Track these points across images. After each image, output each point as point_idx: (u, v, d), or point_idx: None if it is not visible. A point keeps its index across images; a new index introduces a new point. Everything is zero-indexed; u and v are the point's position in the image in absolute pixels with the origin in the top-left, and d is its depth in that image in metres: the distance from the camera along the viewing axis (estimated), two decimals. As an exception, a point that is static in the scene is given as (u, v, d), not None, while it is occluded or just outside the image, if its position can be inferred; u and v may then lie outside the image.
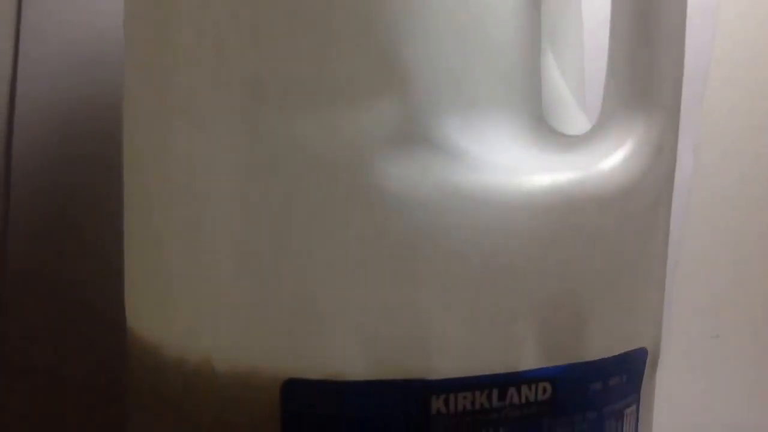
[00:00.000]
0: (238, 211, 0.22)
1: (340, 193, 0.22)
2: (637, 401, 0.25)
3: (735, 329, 0.47)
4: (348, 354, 0.22)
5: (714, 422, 0.47)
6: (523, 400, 0.23)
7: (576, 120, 0.27)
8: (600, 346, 0.24)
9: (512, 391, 0.22)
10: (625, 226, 0.24)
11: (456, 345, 0.22)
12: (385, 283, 0.22)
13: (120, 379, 0.27)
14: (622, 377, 0.24)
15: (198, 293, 0.23)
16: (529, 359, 0.23)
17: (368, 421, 0.22)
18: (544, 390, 0.23)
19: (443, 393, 0.22)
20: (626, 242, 0.24)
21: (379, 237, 0.22)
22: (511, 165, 0.23)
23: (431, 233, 0.22)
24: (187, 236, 0.23)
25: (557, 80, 0.28)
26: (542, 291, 0.23)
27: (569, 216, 0.23)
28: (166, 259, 0.24)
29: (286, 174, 0.22)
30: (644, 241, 0.25)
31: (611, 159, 0.23)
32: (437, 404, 0.22)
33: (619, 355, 0.24)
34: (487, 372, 0.22)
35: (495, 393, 0.22)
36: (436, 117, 0.22)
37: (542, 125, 0.24)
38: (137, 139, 0.26)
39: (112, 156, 0.28)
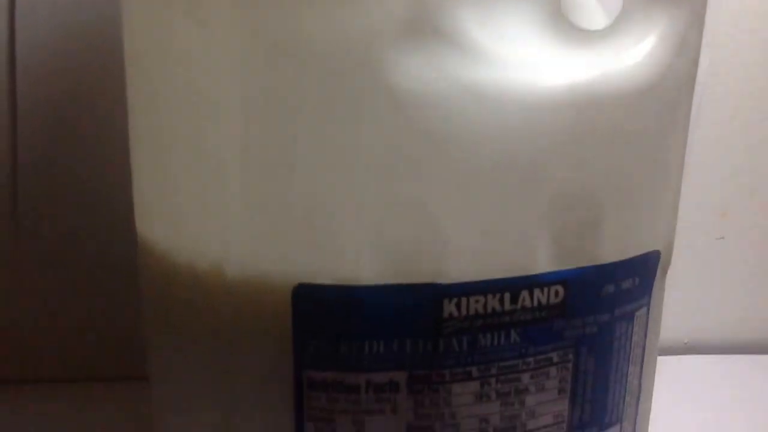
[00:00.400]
0: (243, 112, 0.21)
1: (349, 92, 0.21)
2: (648, 304, 0.25)
3: (740, 231, 0.47)
4: (359, 258, 0.21)
5: (717, 323, 0.48)
6: (535, 303, 0.22)
7: (593, 16, 0.26)
8: (614, 248, 0.23)
9: (524, 294, 0.22)
10: (645, 125, 0.23)
11: (469, 248, 0.22)
12: (396, 185, 0.21)
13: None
14: (635, 280, 0.24)
15: (206, 198, 0.22)
16: (542, 262, 0.22)
17: (379, 325, 0.22)
18: (557, 293, 0.23)
19: (455, 297, 0.22)
20: (645, 142, 0.23)
21: (390, 136, 0.21)
22: (528, 61, 0.22)
23: (444, 132, 0.21)
24: (192, 139, 0.22)
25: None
26: (558, 192, 0.22)
27: (588, 113, 0.22)
28: (172, 164, 0.23)
29: (291, 72, 0.21)
30: (663, 140, 0.24)
31: (632, 54, 0.22)
32: (449, 308, 0.22)
33: (633, 257, 0.24)
34: (500, 275, 0.22)
35: (507, 296, 0.22)
36: (450, 9, 0.21)
37: (561, 19, 0.23)
38: (137, 38, 0.24)
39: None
